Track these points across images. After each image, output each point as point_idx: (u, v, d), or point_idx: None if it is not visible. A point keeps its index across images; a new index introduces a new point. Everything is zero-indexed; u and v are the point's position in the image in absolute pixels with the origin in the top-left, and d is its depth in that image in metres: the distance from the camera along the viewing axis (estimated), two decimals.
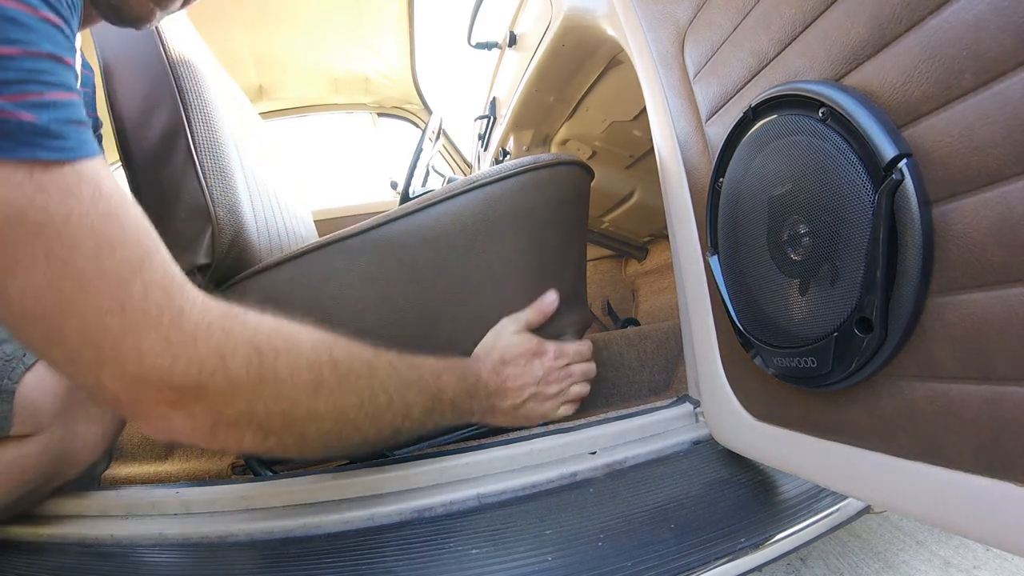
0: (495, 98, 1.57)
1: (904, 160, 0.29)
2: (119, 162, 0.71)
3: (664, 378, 0.81)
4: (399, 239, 0.66)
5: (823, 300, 0.35)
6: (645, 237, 1.68)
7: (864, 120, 0.31)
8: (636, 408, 0.63)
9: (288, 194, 1.02)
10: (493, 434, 0.64)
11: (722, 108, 0.47)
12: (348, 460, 0.61)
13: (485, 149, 1.69)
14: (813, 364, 0.37)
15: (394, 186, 2.16)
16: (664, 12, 0.57)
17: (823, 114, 0.34)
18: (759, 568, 0.43)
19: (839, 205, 0.33)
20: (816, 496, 0.49)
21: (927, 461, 0.31)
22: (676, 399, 0.64)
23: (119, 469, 0.67)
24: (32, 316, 0.34)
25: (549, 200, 0.66)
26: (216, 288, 0.72)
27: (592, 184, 0.74)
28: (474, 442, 0.60)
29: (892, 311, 0.31)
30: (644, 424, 0.60)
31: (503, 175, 0.64)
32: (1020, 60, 0.24)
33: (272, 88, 2.09)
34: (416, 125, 2.33)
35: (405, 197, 1.33)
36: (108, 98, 0.70)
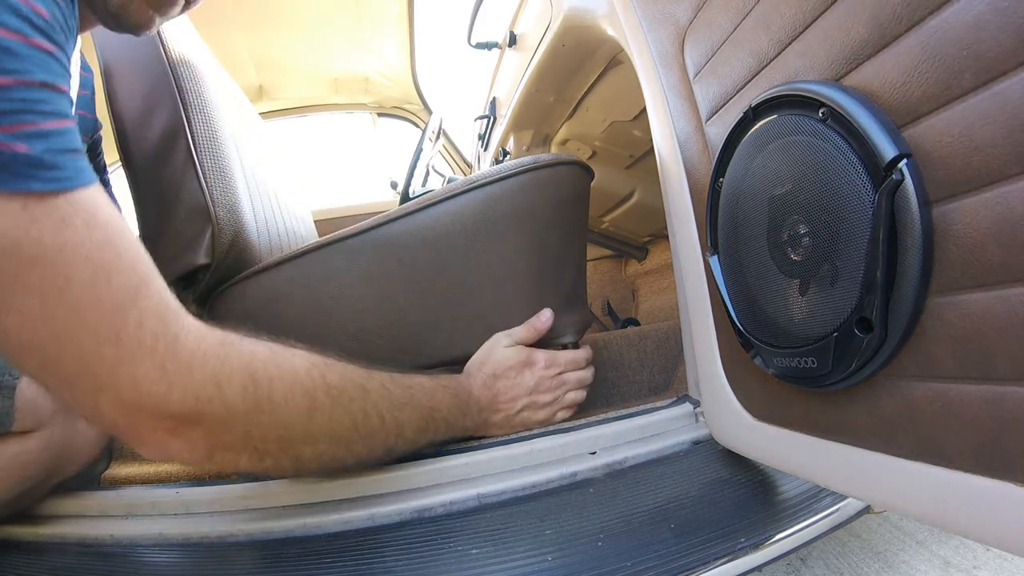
0: (495, 98, 1.57)
1: (904, 160, 0.29)
2: (119, 162, 0.71)
3: (664, 378, 0.81)
4: (399, 239, 0.66)
5: (823, 300, 0.35)
6: (645, 237, 1.68)
7: (864, 120, 0.31)
8: (636, 408, 0.63)
9: (288, 194, 1.02)
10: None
11: (722, 108, 0.47)
12: None
13: (485, 149, 1.69)
14: (813, 364, 0.37)
15: (394, 186, 2.16)
16: (664, 12, 0.57)
17: (823, 114, 0.34)
18: (759, 568, 0.43)
19: (839, 205, 0.33)
20: (816, 496, 0.49)
21: (927, 461, 0.31)
22: (676, 399, 0.64)
23: (119, 469, 0.67)
24: (28, 346, 0.35)
25: (549, 200, 0.66)
26: (216, 288, 0.73)
27: (592, 184, 0.74)
28: (474, 442, 0.60)
29: (892, 311, 0.31)
30: (644, 424, 0.60)
31: (503, 175, 0.64)
32: (1020, 60, 0.24)
33: (272, 88, 2.09)
34: (416, 125, 2.33)
35: (405, 197, 1.33)
36: (108, 98, 0.70)
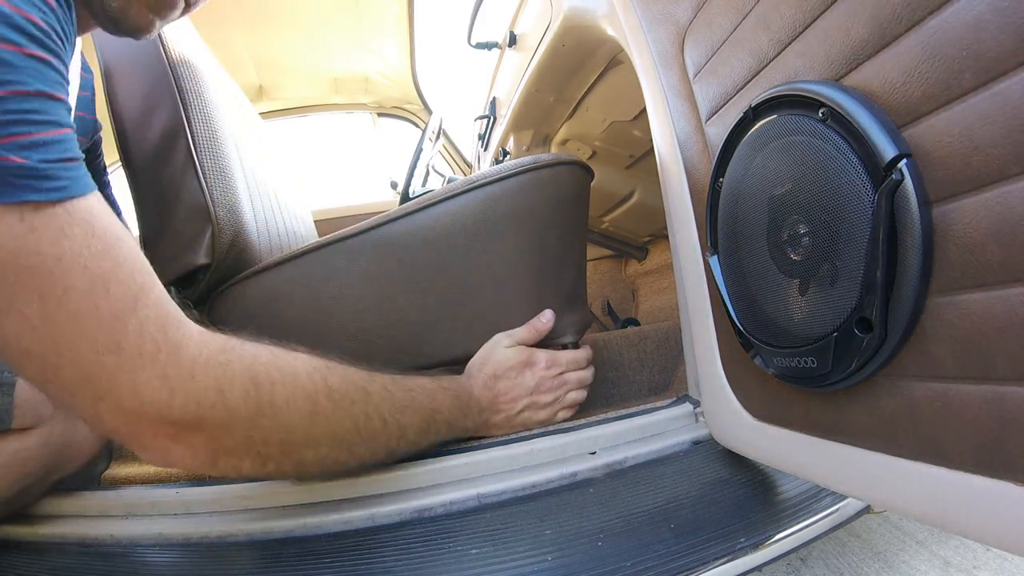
0: (495, 98, 1.57)
1: (904, 160, 0.29)
2: (119, 162, 0.71)
3: (664, 378, 0.81)
4: (399, 239, 0.66)
5: (823, 300, 0.35)
6: (645, 237, 1.68)
7: (864, 120, 0.31)
8: (636, 408, 0.63)
9: (288, 194, 1.02)
10: None
11: (722, 108, 0.47)
12: None
13: (485, 149, 1.69)
14: (813, 364, 0.37)
15: (394, 186, 2.16)
16: (664, 12, 0.57)
17: (823, 114, 0.34)
18: (759, 568, 0.43)
19: (839, 205, 0.33)
20: (816, 496, 0.49)
21: (927, 461, 0.31)
22: (676, 399, 0.64)
23: (119, 469, 0.67)
24: (28, 355, 0.35)
25: (549, 200, 0.66)
26: (216, 288, 0.73)
27: (592, 184, 0.74)
28: (474, 442, 0.60)
29: (892, 311, 0.31)
30: (644, 424, 0.59)
31: (503, 175, 0.64)
32: (1020, 60, 0.24)
33: (272, 88, 2.09)
34: (416, 125, 2.33)
35: (405, 197, 1.33)
36: (108, 99, 0.70)
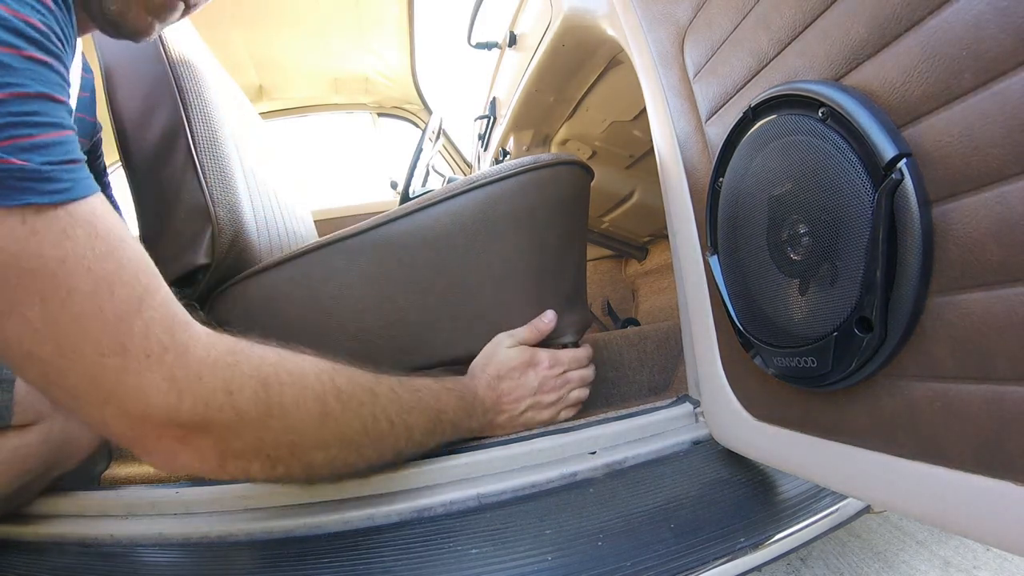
0: (495, 98, 1.57)
1: (904, 160, 0.29)
2: (119, 162, 0.71)
3: (664, 378, 0.81)
4: (399, 239, 0.66)
5: (823, 300, 0.35)
6: (645, 237, 1.68)
7: (864, 120, 0.31)
8: (636, 408, 0.63)
9: (288, 194, 1.02)
10: None
11: (722, 108, 0.47)
12: None
13: (485, 149, 1.69)
14: (813, 364, 0.37)
15: (394, 186, 2.16)
16: (664, 12, 0.57)
17: (823, 114, 0.34)
18: (759, 568, 0.43)
19: (839, 205, 0.33)
20: (816, 496, 0.49)
21: (927, 461, 0.31)
22: (676, 399, 0.64)
23: (119, 469, 0.67)
24: (31, 358, 0.34)
25: (549, 200, 0.66)
26: (216, 288, 0.73)
27: (592, 184, 0.74)
28: (474, 442, 0.60)
29: (892, 311, 0.31)
30: (644, 424, 0.59)
31: (503, 175, 0.64)
32: (1020, 60, 0.24)
33: (272, 88, 2.09)
34: (416, 125, 2.33)
35: (405, 197, 1.33)
36: (108, 99, 0.70)
